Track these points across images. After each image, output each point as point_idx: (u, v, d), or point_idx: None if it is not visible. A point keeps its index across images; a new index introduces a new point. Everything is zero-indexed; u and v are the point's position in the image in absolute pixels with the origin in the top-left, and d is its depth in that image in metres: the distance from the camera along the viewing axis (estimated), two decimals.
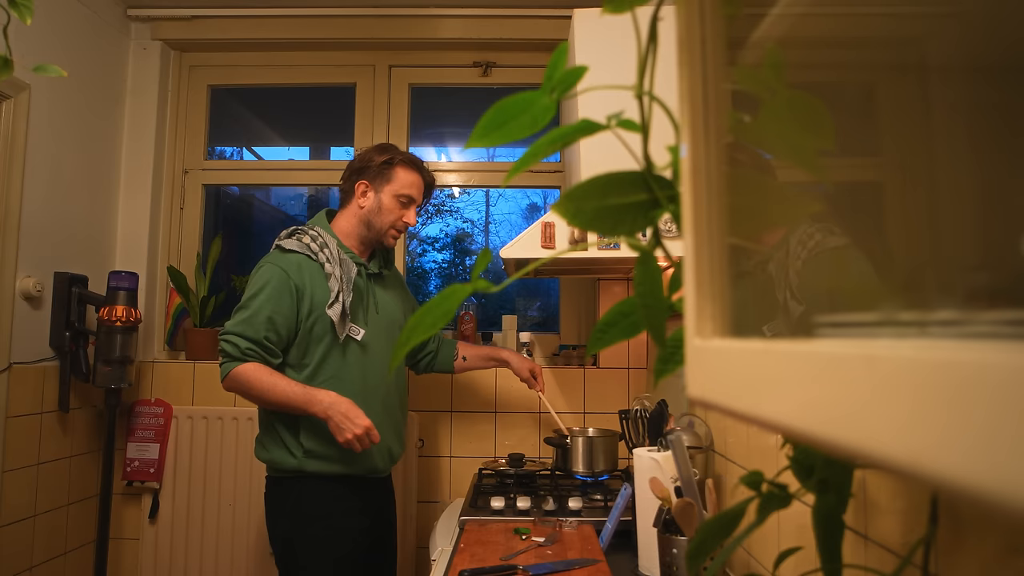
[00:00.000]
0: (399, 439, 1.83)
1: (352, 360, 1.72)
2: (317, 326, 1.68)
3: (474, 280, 0.47)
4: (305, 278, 1.69)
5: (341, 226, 1.81)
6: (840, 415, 0.25)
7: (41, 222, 2.07)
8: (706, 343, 0.38)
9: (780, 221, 0.51)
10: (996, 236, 0.31)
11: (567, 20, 1.73)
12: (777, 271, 0.52)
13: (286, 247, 1.72)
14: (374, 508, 1.77)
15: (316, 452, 1.65)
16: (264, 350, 1.64)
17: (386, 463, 1.77)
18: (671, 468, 1.25)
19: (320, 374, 1.69)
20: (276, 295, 1.65)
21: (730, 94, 0.41)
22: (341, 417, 1.58)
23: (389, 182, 1.78)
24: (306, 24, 2.53)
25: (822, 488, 0.55)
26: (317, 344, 1.69)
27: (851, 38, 0.44)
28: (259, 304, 1.64)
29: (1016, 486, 0.17)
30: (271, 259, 1.71)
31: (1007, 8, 0.29)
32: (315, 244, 1.72)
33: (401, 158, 1.80)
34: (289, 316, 1.66)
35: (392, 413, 1.80)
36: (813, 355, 0.27)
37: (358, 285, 1.76)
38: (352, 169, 1.82)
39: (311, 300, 1.68)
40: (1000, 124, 0.31)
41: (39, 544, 2.06)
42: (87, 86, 2.28)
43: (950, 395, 0.19)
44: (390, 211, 1.78)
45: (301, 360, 1.69)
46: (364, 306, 1.77)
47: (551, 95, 0.48)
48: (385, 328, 1.81)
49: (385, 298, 1.84)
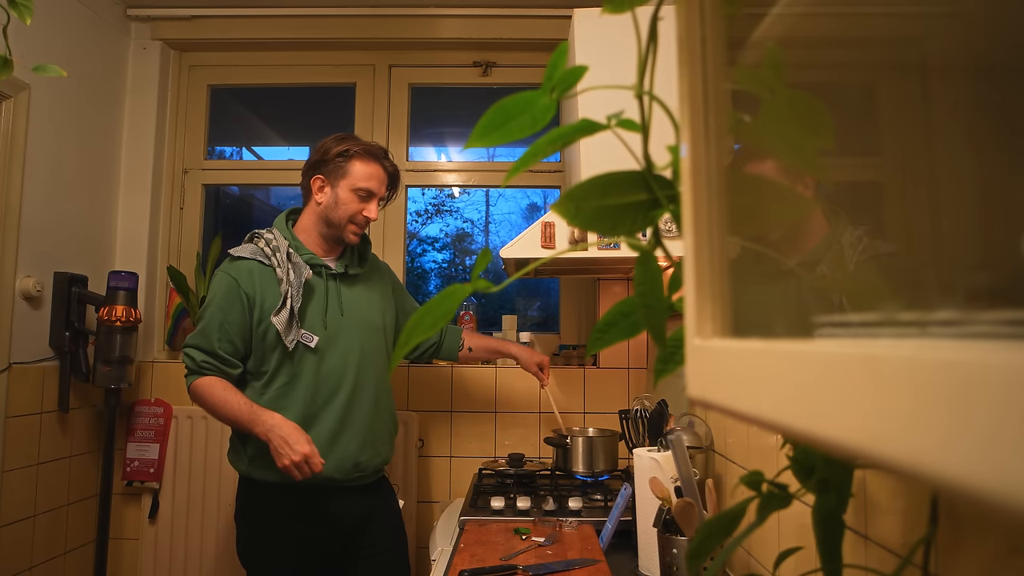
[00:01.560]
0: (372, 445, 1.72)
1: (306, 367, 1.66)
2: (269, 333, 1.64)
3: (474, 280, 0.47)
4: (256, 284, 1.65)
5: (302, 224, 1.76)
6: (841, 415, 0.25)
7: (41, 222, 2.07)
8: (706, 343, 0.38)
9: (782, 220, 0.51)
10: (997, 236, 0.31)
11: (567, 20, 1.73)
12: (832, 272, 0.52)
13: (236, 254, 1.68)
14: (336, 517, 1.69)
15: (259, 461, 1.63)
16: (220, 361, 1.62)
17: (348, 473, 1.67)
18: (671, 468, 1.25)
19: (275, 382, 1.65)
20: (226, 304, 1.62)
21: (730, 94, 0.41)
22: (280, 441, 1.54)
23: (345, 176, 1.70)
24: (306, 24, 2.53)
25: (822, 488, 0.55)
26: (271, 352, 1.65)
27: (851, 38, 0.44)
28: (210, 315, 1.63)
29: (1019, 487, 0.17)
30: (223, 268, 1.68)
31: (1009, 9, 0.29)
32: (268, 248, 1.67)
33: (358, 149, 1.71)
34: (241, 324, 1.63)
35: (360, 418, 1.71)
36: (813, 355, 0.27)
37: (315, 287, 1.70)
38: (309, 163, 1.76)
39: (262, 307, 1.64)
40: (1001, 123, 0.31)
41: (39, 544, 2.06)
42: (87, 86, 2.28)
43: (952, 395, 0.19)
44: (347, 205, 1.70)
45: (259, 368, 1.66)
46: (323, 309, 1.70)
47: (551, 95, 0.48)
48: (356, 329, 1.73)
49: (355, 298, 1.77)
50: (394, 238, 2.57)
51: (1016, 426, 0.17)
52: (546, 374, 1.99)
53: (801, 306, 0.48)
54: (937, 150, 0.37)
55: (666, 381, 1.62)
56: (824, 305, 0.50)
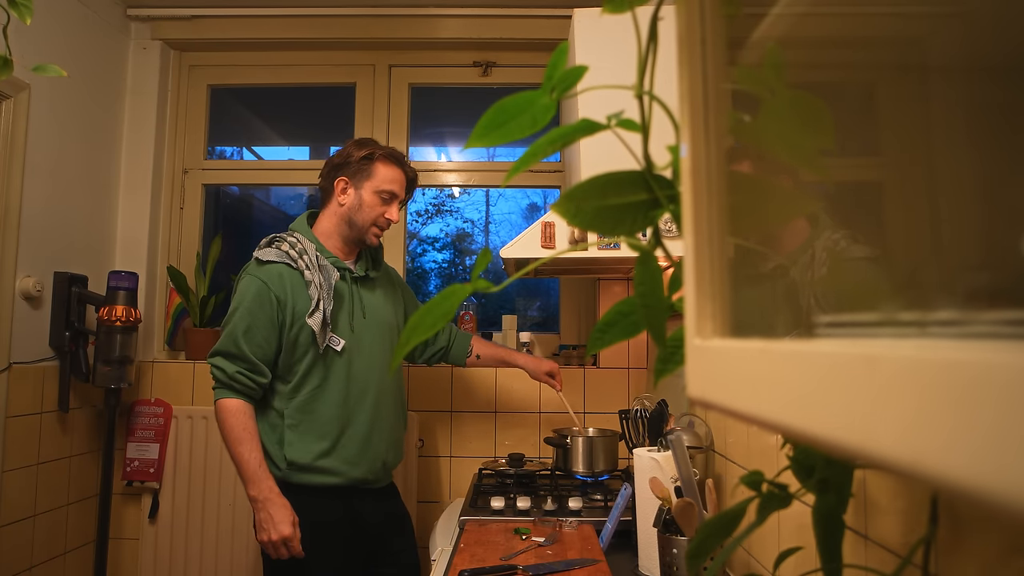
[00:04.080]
0: (395, 446, 1.78)
1: (335, 370, 1.67)
2: (301, 337, 1.64)
3: (474, 280, 0.47)
4: (287, 288, 1.64)
5: (323, 227, 1.76)
6: (841, 415, 0.25)
7: (41, 222, 2.07)
8: (706, 343, 0.38)
9: (781, 220, 0.51)
10: (997, 235, 0.31)
11: (567, 20, 1.73)
12: (801, 277, 0.52)
13: (263, 258, 1.66)
14: (365, 519, 1.72)
15: (298, 464, 1.63)
16: (251, 368, 1.61)
17: (378, 474, 1.73)
18: (671, 468, 1.25)
19: (305, 385, 1.65)
20: (256, 308, 1.61)
21: (730, 94, 0.41)
22: (266, 516, 1.55)
23: (370, 178, 1.72)
24: (306, 24, 2.53)
25: (822, 488, 0.54)
26: (302, 355, 1.65)
27: (852, 38, 0.44)
28: (238, 318, 1.61)
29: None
30: (251, 271, 1.67)
31: (1012, 9, 0.29)
32: (294, 251, 1.67)
33: (381, 152, 1.73)
34: (270, 328, 1.62)
35: (386, 419, 1.75)
36: (814, 355, 0.27)
37: (341, 291, 1.71)
38: (331, 165, 1.75)
39: (293, 310, 1.64)
40: (1002, 123, 0.31)
41: (39, 544, 2.06)
42: (87, 85, 2.28)
43: (956, 396, 0.19)
44: (371, 208, 1.72)
45: (287, 372, 1.66)
46: (349, 312, 1.72)
47: (551, 95, 0.48)
48: (377, 331, 1.76)
49: (374, 301, 1.79)
50: (394, 238, 2.57)
51: (1021, 427, 0.17)
52: (558, 379, 1.99)
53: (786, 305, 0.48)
54: (937, 149, 0.37)
55: (666, 381, 1.62)
56: (803, 305, 0.50)
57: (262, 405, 1.67)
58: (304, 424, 1.64)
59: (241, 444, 1.58)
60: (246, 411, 1.61)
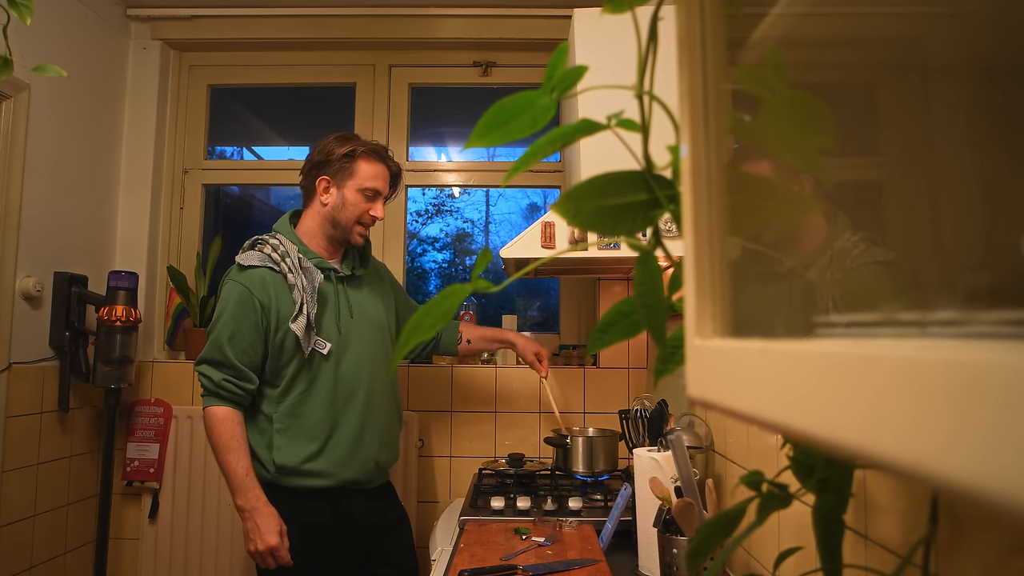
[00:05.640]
0: (389, 445, 1.76)
1: (322, 373, 1.65)
2: (286, 341, 1.62)
3: (474, 280, 0.47)
4: (270, 293, 1.62)
5: (306, 226, 1.73)
6: (841, 415, 0.25)
7: (41, 222, 2.07)
8: (706, 343, 0.38)
9: (783, 220, 0.51)
10: (997, 235, 0.31)
11: (567, 20, 1.73)
12: (820, 278, 0.52)
13: (245, 263, 1.63)
14: (358, 519, 1.70)
15: (287, 468, 1.62)
16: (237, 375, 1.59)
17: (370, 474, 1.71)
18: (671, 468, 1.25)
19: (293, 390, 1.64)
20: (240, 314, 1.59)
21: (730, 94, 0.41)
22: (253, 526, 1.54)
23: (352, 176, 1.68)
24: (306, 24, 2.53)
25: (822, 488, 0.54)
26: (288, 359, 1.63)
27: (852, 38, 0.44)
28: (222, 325, 1.59)
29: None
30: (232, 277, 1.64)
31: (1012, 9, 0.29)
32: (276, 254, 1.63)
33: (363, 149, 1.69)
34: (255, 334, 1.60)
35: (378, 418, 1.73)
36: (814, 355, 0.27)
37: (325, 292, 1.68)
38: (312, 163, 1.71)
39: (278, 315, 1.61)
40: (1002, 123, 0.31)
41: (39, 544, 2.06)
42: (87, 85, 2.28)
43: (956, 396, 0.19)
44: (355, 206, 1.69)
45: (275, 377, 1.64)
46: (335, 313, 1.69)
47: (551, 95, 0.48)
48: (366, 330, 1.74)
49: (361, 299, 1.76)
50: (394, 238, 2.57)
51: (1020, 427, 0.17)
52: (544, 365, 1.95)
53: (801, 307, 0.48)
54: (938, 149, 0.37)
55: (666, 381, 1.62)
56: (821, 308, 0.50)
57: (251, 409, 1.66)
58: (293, 428, 1.63)
59: (229, 452, 1.57)
60: (234, 418, 1.59)
